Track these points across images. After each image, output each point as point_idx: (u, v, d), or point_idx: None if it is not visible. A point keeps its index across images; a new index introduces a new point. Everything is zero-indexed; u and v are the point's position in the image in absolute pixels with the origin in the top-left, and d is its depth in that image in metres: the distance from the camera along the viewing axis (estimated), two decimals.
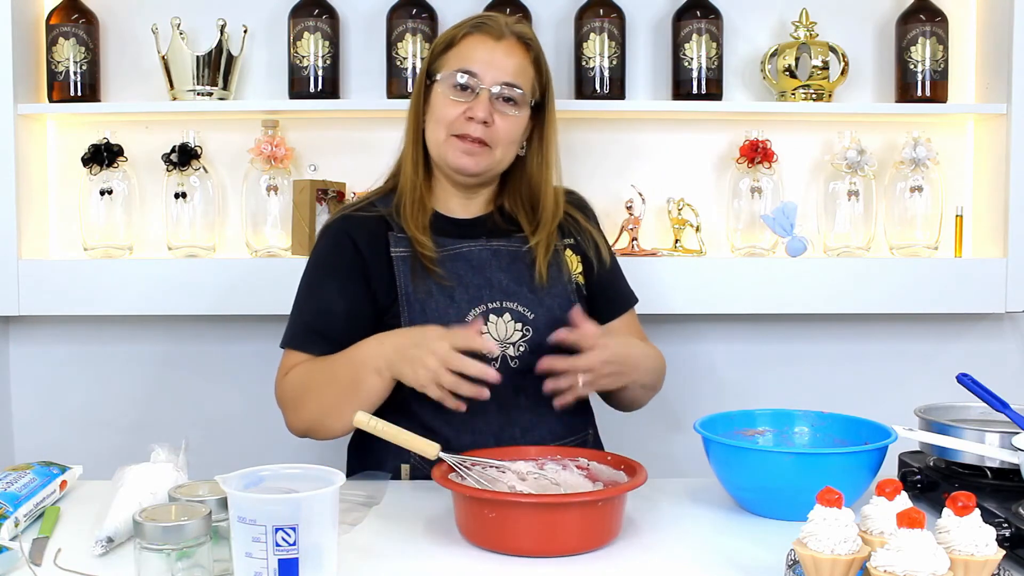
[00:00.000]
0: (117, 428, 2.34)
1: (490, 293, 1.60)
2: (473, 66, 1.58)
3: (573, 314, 1.53)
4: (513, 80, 1.59)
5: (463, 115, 1.58)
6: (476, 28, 1.61)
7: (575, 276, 1.68)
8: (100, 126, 2.27)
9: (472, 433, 1.54)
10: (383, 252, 1.61)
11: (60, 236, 2.35)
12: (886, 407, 1.72)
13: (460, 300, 1.58)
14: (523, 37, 1.62)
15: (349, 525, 1.31)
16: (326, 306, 1.60)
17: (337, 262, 1.62)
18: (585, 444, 1.67)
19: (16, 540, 1.23)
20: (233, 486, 1.04)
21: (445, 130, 1.59)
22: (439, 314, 1.56)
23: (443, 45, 1.63)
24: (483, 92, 1.58)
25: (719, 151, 2.39)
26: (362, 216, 1.65)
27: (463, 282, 1.59)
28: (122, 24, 2.32)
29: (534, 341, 1.59)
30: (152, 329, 2.36)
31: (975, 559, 0.99)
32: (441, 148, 1.61)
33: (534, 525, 1.20)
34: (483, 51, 1.59)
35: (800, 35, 2.28)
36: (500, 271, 1.62)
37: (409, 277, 1.58)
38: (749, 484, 1.36)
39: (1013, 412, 1.40)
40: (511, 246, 1.65)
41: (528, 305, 1.60)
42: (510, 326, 1.59)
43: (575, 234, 1.72)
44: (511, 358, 1.58)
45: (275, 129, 2.28)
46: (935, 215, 2.31)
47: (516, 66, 1.60)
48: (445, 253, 1.61)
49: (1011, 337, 2.44)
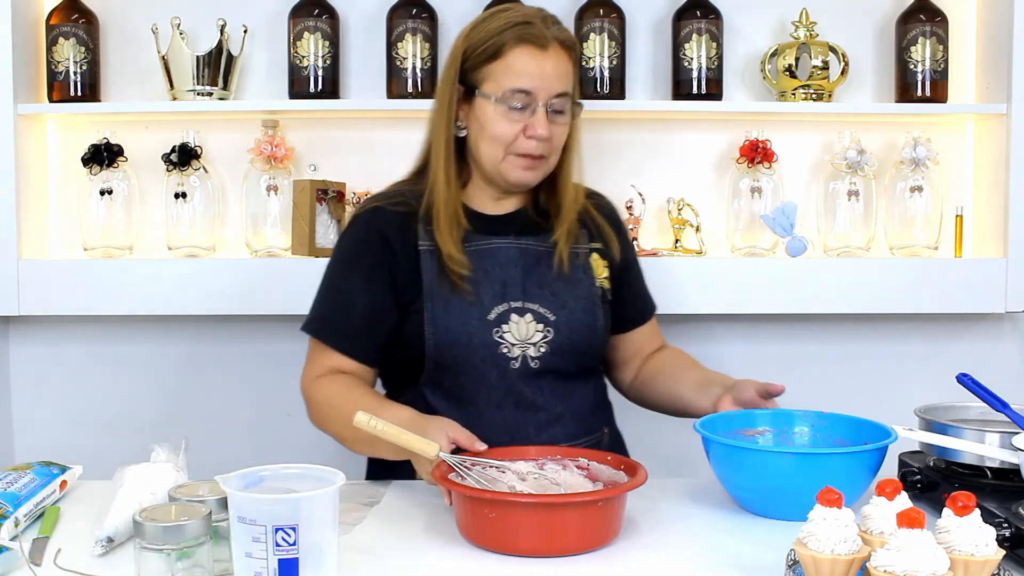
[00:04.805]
0: (117, 428, 2.34)
1: (513, 292, 1.59)
2: (526, 84, 1.55)
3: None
4: (563, 89, 1.57)
5: (522, 133, 1.56)
6: (521, 40, 1.56)
7: (601, 281, 1.67)
8: (100, 126, 2.27)
9: (487, 429, 1.54)
10: (411, 245, 1.61)
11: (60, 236, 2.35)
12: (886, 407, 1.72)
13: (483, 298, 1.58)
14: (566, 42, 1.59)
15: (349, 525, 1.31)
16: (347, 301, 1.61)
17: (363, 255, 1.62)
18: (600, 444, 1.66)
19: (16, 540, 1.23)
20: (233, 486, 1.04)
21: (503, 149, 1.58)
22: (462, 312, 1.56)
23: (483, 55, 1.58)
24: (539, 110, 1.56)
25: (719, 151, 2.39)
26: (392, 209, 1.64)
27: (488, 278, 1.59)
28: (122, 24, 2.33)
29: (555, 342, 1.59)
30: (152, 329, 2.36)
31: (975, 559, 0.98)
32: (499, 166, 1.59)
33: (534, 525, 1.20)
34: (533, 65, 1.55)
35: (800, 35, 2.28)
36: (525, 271, 1.61)
37: (434, 272, 1.58)
38: (749, 484, 1.36)
39: (1013, 412, 1.40)
40: (539, 245, 1.64)
41: (550, 307, 1.60)
42: (531, 327, 1.58)
43: (600, 237, 1.70)
44: (531, 358, 1.58)
45: (275, 129, 2.28)
46: (935, 215, 2.31)
47: (563, 74, 1.58)
48: (473, 248, 1.60)
49: (1011, 337, 2.44)
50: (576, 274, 1.64)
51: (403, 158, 2.33)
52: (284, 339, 2.38)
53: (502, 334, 1.56)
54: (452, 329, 1.55)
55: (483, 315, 1.57)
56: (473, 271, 1.58)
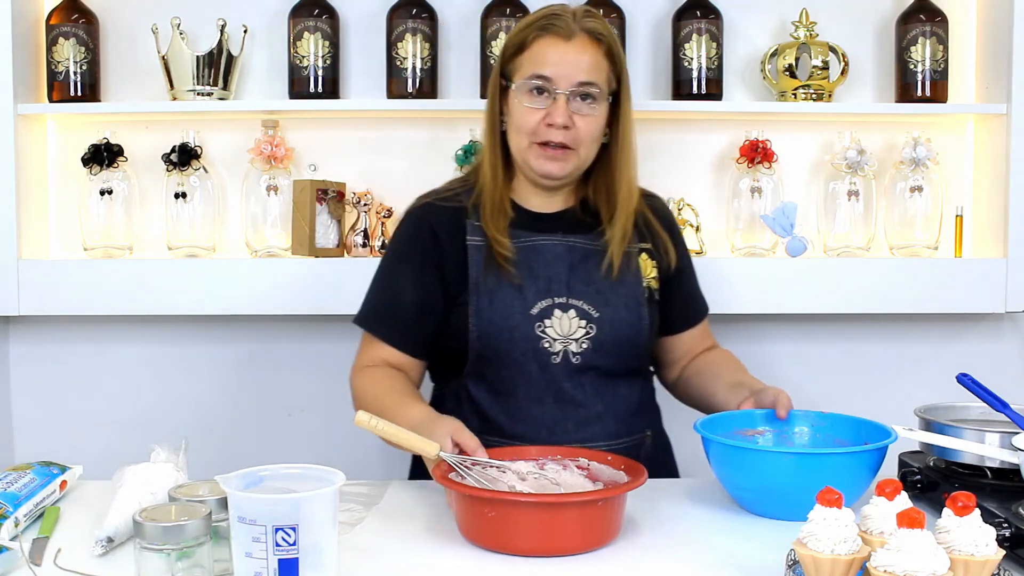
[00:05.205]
0: (117, 428, 2.34)
1: (558, 288, 1.61)
2: (546, 70, 1.57)
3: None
4: (588, 78, 1.57)
5: (542, 121, 1.58)
6: (544, 30, 1.58)
7: (648, 281, 1.68)
8: (100, 126, 2.27)
9: (526, 423, 1.56)
10: (460, 240, 1.63)
11: (60, 236, 2.35)
12: (886, 407, 1.72)
13: (528, 293, 1.59)
14: (593, 32, 1.59)
15: (349, 525, 1.31)
16: (398, 295, 1.64)
17: (414, 250, 1.65)
18: (642, 446, 1.67)
19: (16, 540, 1.23)
20: (233, 486, 1.04)
21: (527, 138, 1.60)
22: (505, 306, 1.58)
23: (513, 48, 1.61)
24: (559, 96, 1.57)
25: (719, 151, 2.39)
26: (443, 204, 1.67)
27: (533, 275, 1.61)
28: (122, 24, 2.32)
29: (597, 339, 1.60)
30: (152, 329, 2.36)
31: (975, 559, 0.98)
32: (525, 155, 1.61)
33: (534, 524, 1.20)
34: (554, 53, 1.57)
35: (800, 35, 2.28)
36: (571, 267, 1.62)
37: (481, 267, 1.60)
38: (749, 484, 1.36)
39: (1013, 412, 1.40)
40: (587, 243, 1.65)
41: (594, 304, 1.61)
42: (574, 322, 1.60)
43: (651, 238, 1.71)
44: (573, 354, 1.59)
45: (275, 129, 2.28)
46: (935, 215, 2.31)
47: (589, 63, 1.58)
48: (520, 245, 1.62)
49: (1011, 337, 2.44)
50: (623, 273, 1.64)
51: (403, 158, 2.36)
52: (284, 339, 2.38)
53: (544, 328, 1.58)
54: (495, 322, 1.58)
55: (526, 309, 1.58)
56: (519, 268, 1.60)
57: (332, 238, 2.25)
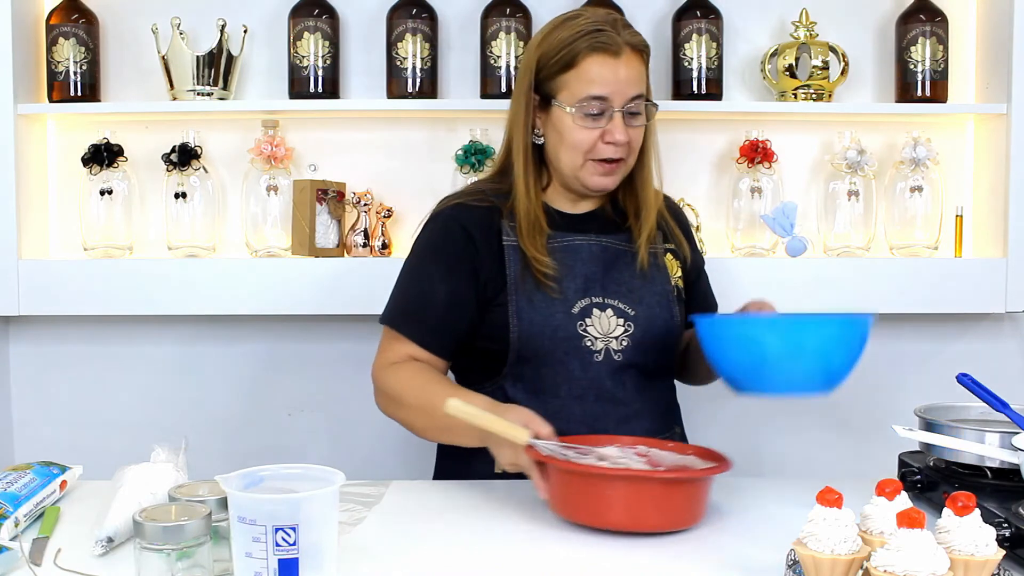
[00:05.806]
0: (117, 428, 2.34)
1: (594, 288, 1.62)
2: (601, 91, 1.57)
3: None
4: (637, 92, 1.60)
5: (600, 139, 1.59)
6: (594, 48, 1.57)
7: (676, 280, 1.71)
8: (100, 126, 2.27)
9: (567, 422, 1.56)
10: (495, 241, 1.63)
11: (60, 236, 2.35)
12: (886, 407, 1.72)
13: (567, 292, 1.61)
14: (638, 46, 1.61)
15: (349, 525, 1.31)
16: (427, 292, 1.64)
17: (445, 249, 1.64)
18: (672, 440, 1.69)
19: (16, 540, 1.23)
20: (233, 486, 1.04)
21: (583, 156, 1.61)
22: (545, 305, 1.59)
23: (557, 65, 1.59)
24: (616, 115, 1.58)
25: (719, 151, 2.39)
26: (476, 204, 1.67)
27: (571, 274, 1.62)
28: (122, 24, 2.32)
29: (635, 336, 1.62)
30: (152, 329, 2.36)
31: (975, 559, 0.99)
32: (579, 173, 1.62)
33: (654, 499, 1.27)
34: (607, 72, 1.57)
35: (800, 35, 2.28)
36: (605, 268, 1.64)
37: (519, 267, 1.61)
38: (738, 359, 1.39)
39: (1013, 412, 1.40)
40: (618, 243, 1.67)
41: (629, 303, 1.63)
42: (612, 321, 1.62)
43: (672, 239, 1.74)
44: (614, 351, 1.61)
45: (275, 129, 2.28)
46: (935, 215, 2.31)
47: (637, 78, 1.60)
48: (555, 244, 1.63)
49: (1011, 337, 2.43)
50: (653, 272, 1.67)
51: (403, 158, 2.36)
52: (284, 339, 2.38)
53: (586, 327, 1.59)
54: (536, 322, 1.58)
55: (567, 308, 1.60)
56: (557, 267, 1.61)
57: (332, 238, 2.25)
